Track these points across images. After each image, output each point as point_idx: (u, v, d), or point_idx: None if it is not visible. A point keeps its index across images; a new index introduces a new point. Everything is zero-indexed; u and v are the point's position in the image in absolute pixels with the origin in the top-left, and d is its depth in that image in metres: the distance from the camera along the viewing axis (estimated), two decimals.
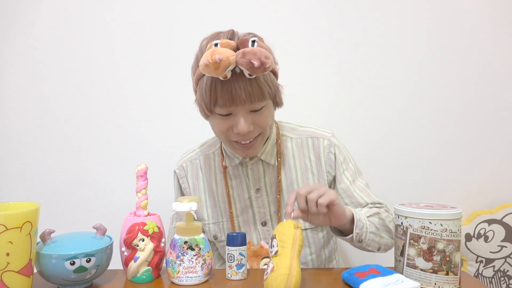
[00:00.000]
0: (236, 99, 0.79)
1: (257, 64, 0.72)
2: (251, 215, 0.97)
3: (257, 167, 0.96)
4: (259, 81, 0.80)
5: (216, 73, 0.75)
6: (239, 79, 0.78)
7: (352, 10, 1.44)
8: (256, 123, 0.85)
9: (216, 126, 0.87)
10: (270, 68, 0.75)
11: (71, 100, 1.45)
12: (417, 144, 1.47)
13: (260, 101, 0.82)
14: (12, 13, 1.42)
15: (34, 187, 1.45)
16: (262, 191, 0.96)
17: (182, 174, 1.02)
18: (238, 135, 0.85)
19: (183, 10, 1.43)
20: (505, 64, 1.45)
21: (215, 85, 0.80)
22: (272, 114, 0.89)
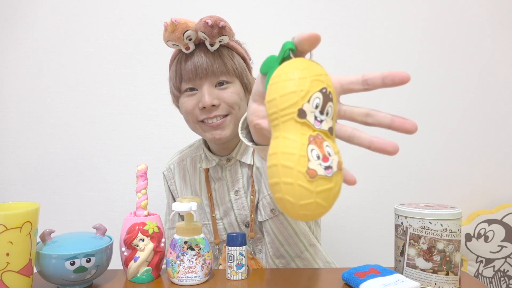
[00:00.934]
0: (199, 70, 0.82)
1: (210, 22, 0.76)
2: (234, 218, 0.96)
3: (235, 168, 0.94)
4: (221, 54, 0.84)
5: (174, 37, 0.78)
6: (201, 51, 0.83)
7: (351, 10, 1.44)
8: (221, 98, 0.85)
9: (183, 107, 0.88)
10: (225, 30, 0.78)
11: (71, 100, 1.45)
12: (417, 144, 1.47)
13: (224, 75, 0.85)
14: (13, 13, 1.42)
15: (34, 187, 1.45)
16: (240, 192, 0.94)
17: (170, 176, 1.03)
18: (203, 111, 0.85)
19: (183, 11, 1.43)
20: (505, 64, 1.45)
21: (180, 60, 0.85)
22: (241, 96, 0.88)
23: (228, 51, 0.86)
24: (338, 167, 0.41)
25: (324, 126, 0.42)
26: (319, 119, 0.42)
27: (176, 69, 0.86)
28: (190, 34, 0.79)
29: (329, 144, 0.42)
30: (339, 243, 1.45)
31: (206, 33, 0.78)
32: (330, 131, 0.43)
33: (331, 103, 0.43)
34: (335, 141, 0.44)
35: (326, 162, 0.40)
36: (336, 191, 0.41)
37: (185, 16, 1.42)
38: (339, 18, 1.44)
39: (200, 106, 0.84)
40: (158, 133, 1.45)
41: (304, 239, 0.90)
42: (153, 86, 1.45)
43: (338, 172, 0.41)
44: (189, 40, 0.81)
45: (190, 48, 0.83)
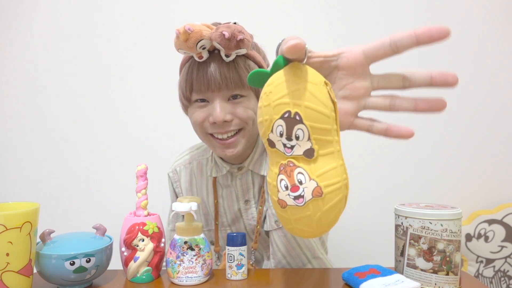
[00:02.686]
0: (211, 82, 0.75)
1: (227, 35, 0.69)
2: (243, 227, 0.93)
3: (246, 177, 0.90)
4: (237, 66, 0.76)
5: (186, 46, 0.71)
6: (215, 61, 0.75)
7: (351, 10, 1.44)
8: (234, 113, 0.78)
9: (193, 118, 0.82)
10: (243, 43, 0.71)
11: (71, 100, 1.45)
12: (417, 144, 1.47)
13: (238, 88, 0.77)
14: (13, 13, 1.42)
15: (34, 187, 1.45)
16: (250, 203, 0.91)
17: (176, 178, 0.99)
18: (214, 126, 0.79)
19: (184, 11, 1.43)
20: (505, 64, 1.45)
21: (191, 68, 0.78)
22: (255, 110, 0.80)
23: (244, 61, 0.78)
24: (314, 194, 0.39)
25: (297, 151, 0.40)
26: (289, 146, 0.40)
27: (187, 77, 0.79)
28: (204, 44, 0.72)
29: (303, 171, 0.39)
30: (339, 243, 1.45)
31: (222, 45, 0.71)
32: (308, 154, 0.40)
33: (300, 124, 0.39)
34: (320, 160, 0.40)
35: (295, 192, 0.39)
36: (318, 218, 0.39)
37: (186, 17, 1.43)
38: (339, 18, 1.44)
39: (210, 120, 0.78)
40: (158, 133, 1.45)
41: (308, 251, 0.87)
42: (153, 86, 1.45)
43: (314, 200, 0.39)
44: (202, 49, 0.74)
45: (203, 57, 0.75)
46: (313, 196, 0.39)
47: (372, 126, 0.47)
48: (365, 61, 0.46)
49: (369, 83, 0.47)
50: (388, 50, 0.45)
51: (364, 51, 0.46)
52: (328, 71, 0.48)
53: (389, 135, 0.46)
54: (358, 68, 0.46)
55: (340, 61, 0.47)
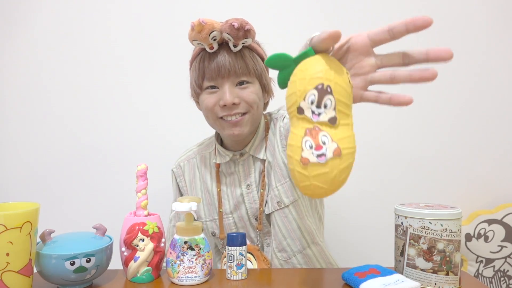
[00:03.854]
0: (222, 69, 0.86)
1: (236, 25, 0.79)
2: (244, 211, 0.98)
3: (248, 162, 0.98)
4: (243, 55, 0.87)
5: (200, 36, 0.81)
6: (224, 51, 0.86)
7: (350, 10, 1.44)
8: (241, 97, 0.88)
9: (204, 103, 0.91)
10: (250, 33, 0.82)
11: (71, 100, 1.45)
12: (417, 144, 1.47)
13: (245, 75, 0.88)
14: (13, 13, 1.42)
15: (34, 187, 1.45)
16: (252, 186, 0.97)
17: (180, 173, 1.05)
18: (224, 108, 0.88)
19: (183, 11, 1.43)
20: (504, 63, 1.45)
21: (203, 58, 0.88)
22: (259, 95, 0.92)
23: (249, 52, 0.89)
24: (334, 153, 0.46)
25: (322, 118, 0.48)
26: (317, 113, 0.48)
27: (199, 67, 0.89)
28: (215, 35, 0.82)
29: (326, 134, 0.47)
30: (339, 243, 1.45)
31: (232, 35, 0.82)
32: (332, 121, 0.48)
33: (330, 95, 0.48)
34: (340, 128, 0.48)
35: (318, 151, 0.45)
36: (334, 175, 0.45)
37: (186, 17, 1.43)
38: (338, 18, 1.44)
39: (221, 103, 0.88)
40: (158, 133, 1.45)
41: (308, 236, 0.94)
42: (153, 86, 1.45)
43: (334, 158, 0.46)
44: (213, 40, 0.84)
45: (214, 47, 0.86)
46: (333, 155, 0.46)
47: (379, 97, 0.55)
48: (369, 44, 0.55)
49: (373, 62, 0.56)
50: (387, 35, 0.52)
51: (369, 35, 0.54)
52: (342, 55, 0.57)
53: (392, 103, 0.54)
54: (364, 49, 0.55)
55: (350, 45, 0.56)
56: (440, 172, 1.47)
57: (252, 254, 0.92)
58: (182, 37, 1.44)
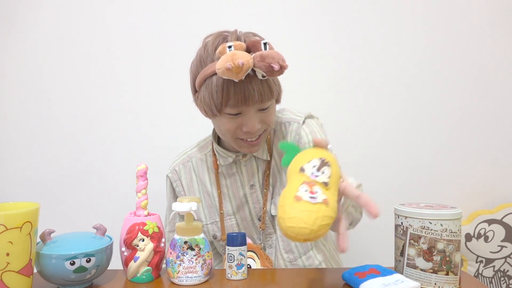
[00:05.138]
0: (249, 99, 0.81)
1: (277, 67, 0.75)
2: (248, 212, 0.98)
3: (251, 163, 0.97)
4: (269, 82, 0.83)
5: (237, 76, 0.76)
6: (252, 81, 0.80)
7: (351, 10, 1.44)
8: (263, 121, 0.87)
9: (224, 126, 0.87)
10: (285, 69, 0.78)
11: (71, 100, 1.45)
12: (417, 144, 1.47)
13: (269, 100, 0.85)
14: (12, 13, 1.42)
15: (34, 187, 1.45)
16: (256, 186, 0.97)
17: (176, 178, 1.02)
18: (246, 133, 0.86)
19: (183, 11, 1.43)
20: (504, 63, 1.45)
21: (227, 86, 0.80)
22: (275, 110, 0.92)
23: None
24: (324, 201, 0.52)
25: (319, 179, 0.56)
26: (315, 174, 0.56)
27: (222, 93, 0.81)
28: (249, 71, 0.78)
29: (319, 189, 0.54)
30: None
31: (268, 75, 0.78)
32: (325, 184, 0.55)
33: (328, 167, 0.57)
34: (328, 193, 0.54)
35: (311, 194, 0.53)
36: (318, 216, 0.51)
37: (185, 16, 1.43)
38: (339, 18, 1.44)
39: (244, 130, 0.85)
40: (158, 133, 1.45)
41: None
42: (153, 86, 1.45)
43: (322, 204, 0.52)
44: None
45: (242, 78, 0.79)
46: (322, 201, 0.52)
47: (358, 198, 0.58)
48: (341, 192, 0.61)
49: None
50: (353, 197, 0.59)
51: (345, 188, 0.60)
52: None
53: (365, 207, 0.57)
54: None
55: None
56: (440, 172, 1.47)
57: (255, 252, 0.92)
58: (185, 38, 1.45)
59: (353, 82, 1.45)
